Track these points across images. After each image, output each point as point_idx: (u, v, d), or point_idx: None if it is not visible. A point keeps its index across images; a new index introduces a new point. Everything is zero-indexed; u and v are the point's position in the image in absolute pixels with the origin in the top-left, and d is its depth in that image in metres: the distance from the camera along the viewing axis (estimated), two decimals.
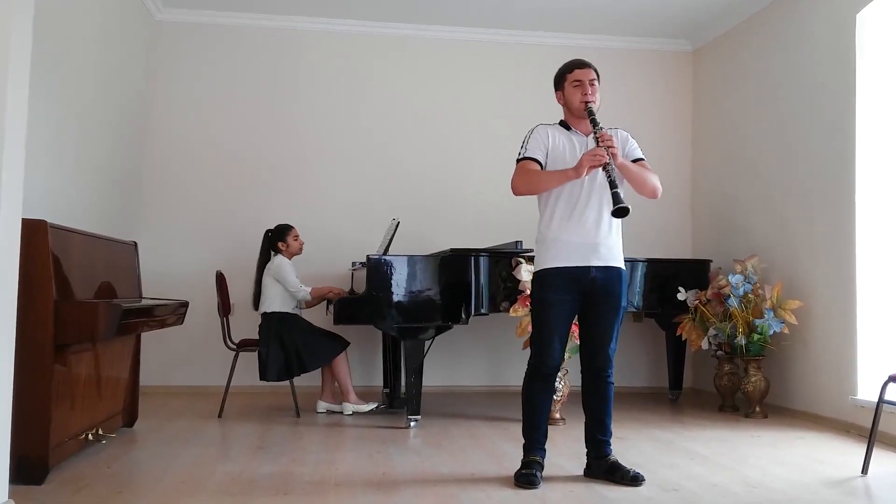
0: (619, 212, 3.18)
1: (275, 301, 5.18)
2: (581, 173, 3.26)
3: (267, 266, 5.26)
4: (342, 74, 6.58)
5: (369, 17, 6.45)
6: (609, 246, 3.40)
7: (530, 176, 3.41)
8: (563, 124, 3.53)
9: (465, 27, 6.64)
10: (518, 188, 3.45)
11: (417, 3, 6.18)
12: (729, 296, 5.32)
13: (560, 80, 3.52)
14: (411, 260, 4.81)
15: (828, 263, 5.06)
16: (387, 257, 4.82)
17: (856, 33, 4.86)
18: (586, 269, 3.37)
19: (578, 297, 3.42)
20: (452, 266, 4.82)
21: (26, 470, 3.15)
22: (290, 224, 5.39)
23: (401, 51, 6.67)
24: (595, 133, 3.30)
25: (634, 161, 3.49)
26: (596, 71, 3.50)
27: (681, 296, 5.59)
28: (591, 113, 3.37)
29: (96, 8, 5.05)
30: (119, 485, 3.31)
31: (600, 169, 3.26)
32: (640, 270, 5.60)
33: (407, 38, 6.67)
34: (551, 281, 3.41)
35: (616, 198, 3.17)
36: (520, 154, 3.48)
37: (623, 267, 3.48)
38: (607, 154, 3.21)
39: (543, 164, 3.44)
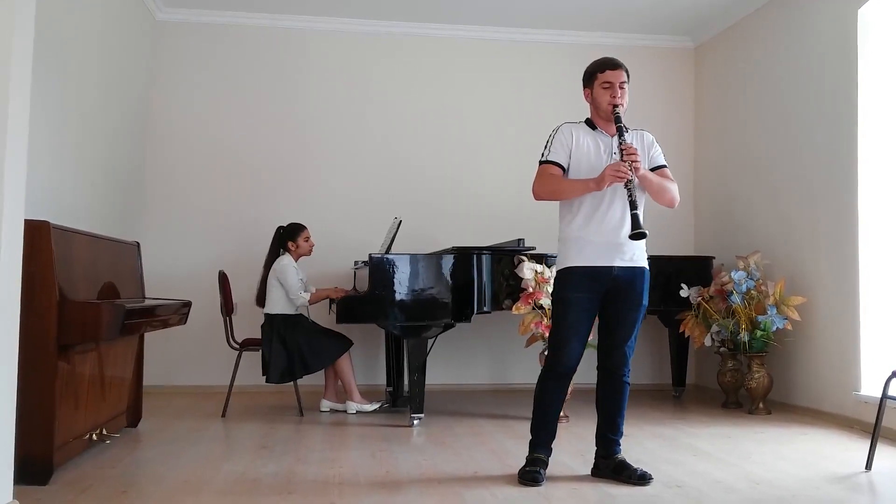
0: (637, 236, 3.20)
1: (278, 303, 5.17)
2: (602, 187, 3.25)
3: (273, 265, 5.25)
4: (345, 73, 6.59)
5: (372, 15, 6.44)
6: (632, 245, 3.37)
7: (552, 182, 3.40)
8: (589, 123, 3.49)
9: (467, 25, 6.63)
10: (539, 194, 3.44)
11: (418, 2, 6.18)
12: (732, 292, 5.32)
13: (590, 79, 3.45)
14: (413, 259, 4.81)
15: (831, 259, 5.05)
16: (389, 256, 4.82)
17: (857, 28, 4.85)
18: (609, 269, 3.35)
19: (599, 296, 3.40)
20: (455, 264, 4.82)
21: (31, 470, 3.16)
22: (304, 224, 5.38)
23: (401, 49, 6.67)
24: (620, 144, 3.29)
25: (657, 168, 3.47)
26: (627, 71, 3.43)
27: (683, 293, 5.59)
28: (618, 119, 3.33)
29: (97, 9, 5.05)
30: (123, 485, 3.32)
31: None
32: None
33: (408, 36, 6.66)
34: (572, 279, 3.39)
35: (635, 221, 3.19)
36: (542, 155, 3.45)
37: (646, 266, 3.46)
38: (630, 170, 3.20)
39: (566, 166, 3.42)
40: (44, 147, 4.13)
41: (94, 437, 3.75)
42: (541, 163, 3.46)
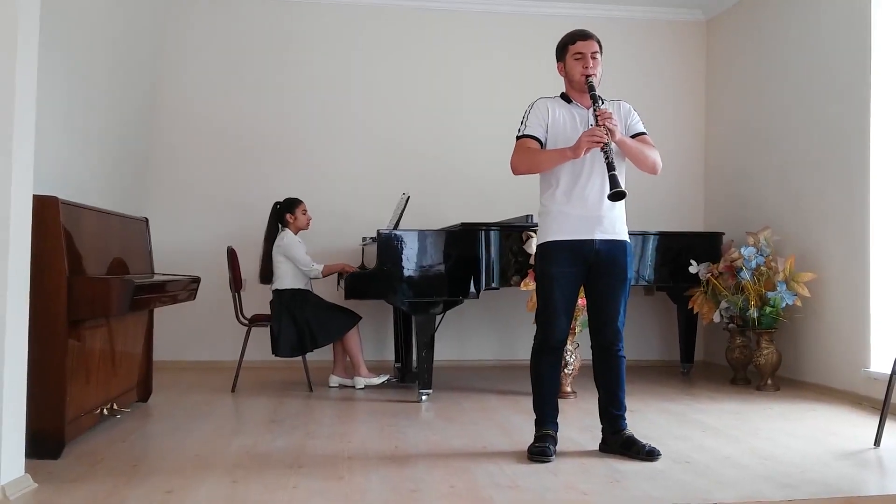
0: (615, 196, 3.18)
1: (286, 278, 5.19)
2: (579, 154, 3.24)
3: (276, 242, 5.25)
4: (351, 49, 6.53)
5: None
6: (612, 218, 3.38)
7: (530, 155, 3.40)
8: (564, 97, 3.50)
9: None
10: (517, 167, 3.45)
11: None
12: (741, 268, 5.29)
13: (562, 52, 3.48)
14: (422, 234, 4.80)
15: (841, 235, 5.02)
16: (397, 232, 4.81)
17: (871, 2, 4.77)
18: (590, 242, 3.36)
19: (582, 269, 3.40)
20: (463, 240, 4.81)
21: (42, 444, 3.19)
22: (300, 198, 5.39)
23: (408, 23, 6.61)
24: (594, 110, 3.28)
25: (636, 136, 3.45)
26: (599, 42, 3.44)
27: (693, 269, 5.57)
28: (591, 88, 3.33)
29: None
30: (134, 459, 3.35)
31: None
32: (651, 243, 5.57)
33: (414, 9, 6.60)
34: (555, 254, 3.40)
35: (613, 181, 3.17)
36: (519, 131, 3.47)
37: (627, 239, 3.46)
38: (606, 134, 3.19)
39: (543, 140, 3.42)
40: (51, 123, 4.12)
41: (105, 411, 3.77)
42: (518, 138, 3.46)
